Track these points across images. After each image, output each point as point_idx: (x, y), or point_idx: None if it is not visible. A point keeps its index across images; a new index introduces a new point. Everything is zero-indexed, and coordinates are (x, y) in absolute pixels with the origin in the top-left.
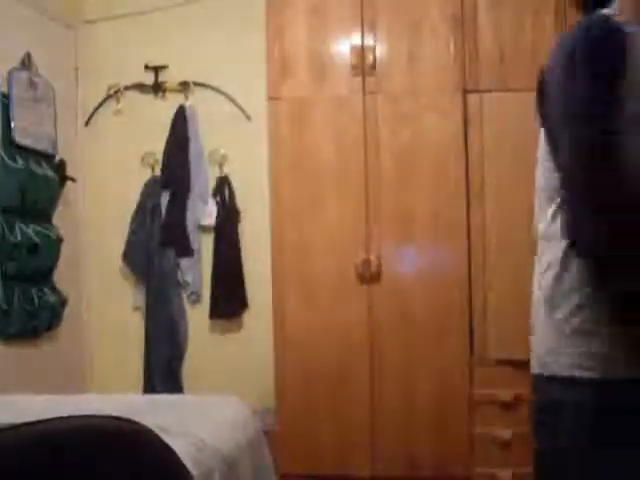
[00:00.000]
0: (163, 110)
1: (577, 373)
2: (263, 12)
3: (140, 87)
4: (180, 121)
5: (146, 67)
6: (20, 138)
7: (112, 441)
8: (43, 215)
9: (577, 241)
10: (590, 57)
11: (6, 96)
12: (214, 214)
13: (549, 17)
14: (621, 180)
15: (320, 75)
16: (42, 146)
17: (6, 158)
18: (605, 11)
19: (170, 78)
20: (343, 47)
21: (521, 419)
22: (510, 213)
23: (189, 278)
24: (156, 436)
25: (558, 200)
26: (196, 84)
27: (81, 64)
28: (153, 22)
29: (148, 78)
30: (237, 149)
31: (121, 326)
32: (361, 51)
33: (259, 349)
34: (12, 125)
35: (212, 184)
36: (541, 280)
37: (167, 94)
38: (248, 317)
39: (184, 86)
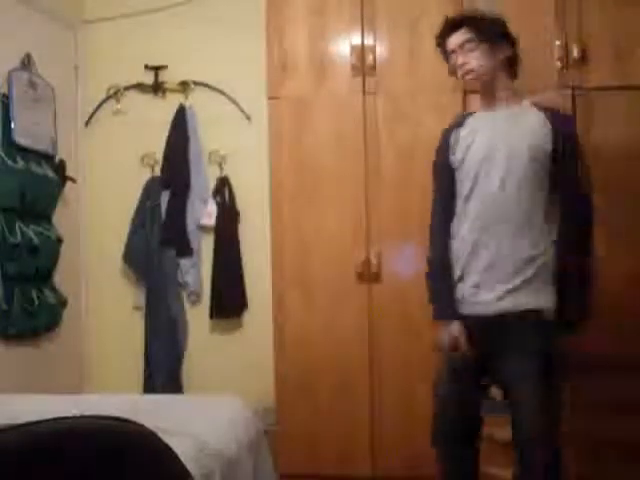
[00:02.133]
0: (163, 110)
1: None
2: (263, 12)
3: (140, 87)
4: (180, 121)
5: (146, 67)
6: (20, 138)
7: (112, 442)
8: (43, 215)
9: None
10: None
11: (6, 96)
12: (214, 214)
13: (549, 18)
14: None
15: (320, 75)
16: (42, 146)
17: (6, 158)
18: None
19: (170, 78)
20: (343, 47)
21: None
22: None
23: (189, 278)
24: (156, 437)
25: None
26: (196, 84)
27: (81, 64)
28: (153, 22)
29: (148, 78)
30: (237, 149)
31: (121, 326)
32: (361, 51)
33: (259, 349)
34: (12, 125)
35: (212, 184)
36: None
37: (167, 94)
38: (248, 317)
39: (184, 86)
